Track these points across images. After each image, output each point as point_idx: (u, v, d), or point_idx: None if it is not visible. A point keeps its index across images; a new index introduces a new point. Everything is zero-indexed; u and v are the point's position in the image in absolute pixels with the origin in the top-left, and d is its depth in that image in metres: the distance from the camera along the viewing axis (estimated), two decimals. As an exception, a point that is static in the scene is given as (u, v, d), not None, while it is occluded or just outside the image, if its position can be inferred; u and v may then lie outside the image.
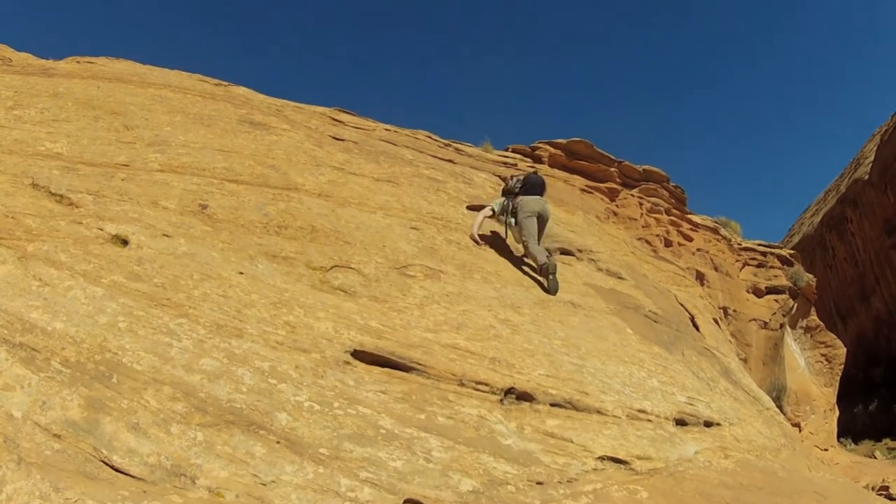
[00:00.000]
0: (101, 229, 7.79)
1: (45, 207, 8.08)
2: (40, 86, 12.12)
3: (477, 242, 11.91)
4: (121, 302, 6.56)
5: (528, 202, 12.31)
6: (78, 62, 14.66)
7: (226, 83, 15.43)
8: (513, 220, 12.37)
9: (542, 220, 12.37)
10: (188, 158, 10.34)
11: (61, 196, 8.40)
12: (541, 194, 12.70)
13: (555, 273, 11.34)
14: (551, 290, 11.18)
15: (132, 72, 14.26)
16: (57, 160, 9.37)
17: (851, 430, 45.44)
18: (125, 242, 7.69)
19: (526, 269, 11.71)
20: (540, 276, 11.59)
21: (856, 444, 43.88)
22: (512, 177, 13.33)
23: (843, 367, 33.68)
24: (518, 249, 12.49)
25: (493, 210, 12.65)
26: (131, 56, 15.89)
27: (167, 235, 8.11)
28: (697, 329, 15.00)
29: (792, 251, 34.38)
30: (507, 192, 12.87)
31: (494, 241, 12.51)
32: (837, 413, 33.09)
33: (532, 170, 13.80)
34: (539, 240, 12.20)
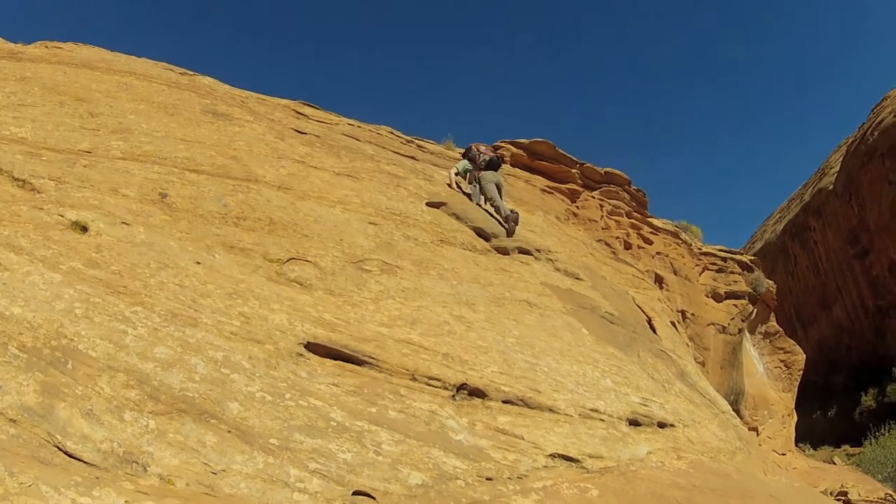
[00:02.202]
0: (62, 216, 7.82)
1: (8, 192, 8.10)
2: (8, 70, 12.13)
3: (451, 186, 15.81)
4: (78, 288, 6.60)
5: (488, 175, 15.63)
6: (46, 47, 14.65)
7: (191, 72, 15.47)
8: (477, 186, 15.61)
9: (499, 186, 15.57)
10: (150, 147, 10.37)
11: (24, 181, 8.42)
12: (496, 170, 15.95)
13: (516, 222, 14.41)
14: (510, 234, 14.10)
15: (99, 58, 14.27)
16: (21, 145, 9.39)
17: (810, 436, 46.10)
18: (84, 229, 7.72)
19: (482, 265, 11.82)
20: (505, 223, 14.31)
21: (814, 449, 44.53)
22: (479, 152, 16.14)
23: (802, 373, 34.15)
24: (476, 197, 15.43)
25: (457, 170, 16.19)
26: (104, 43, 15.94)
27: (126, 223, 8.14)
28: (654, 331, 15.20)
29: (752, 257, 34.79)
30: (468, 158, 16.29)
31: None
32: (796, 418, 33.50)
33: (493, 154, 16.19)
34: (501, 197, 15.30)
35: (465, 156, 16.57)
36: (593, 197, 25.51)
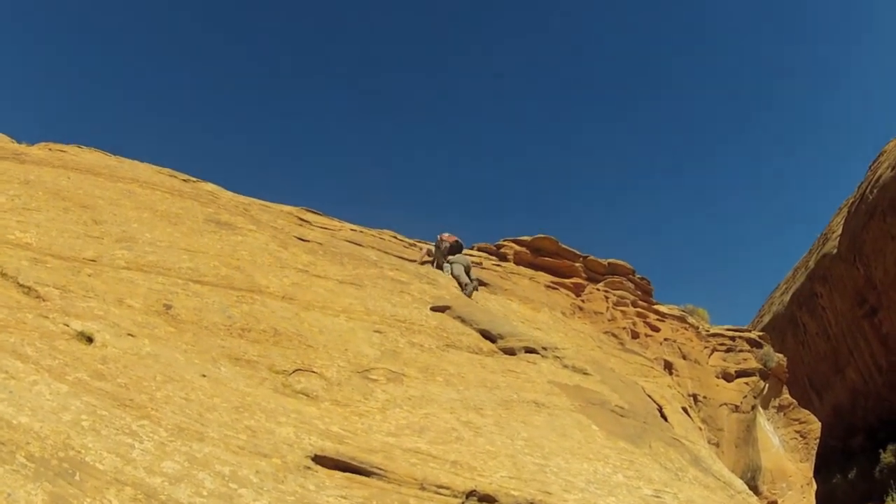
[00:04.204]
0: (67, 325, 7.84)
1: (13, 298, 8.14)
2: (12, 171, 12.24)
3: (421, 263, 18.34)
4: (84, 400, 6.58)
5: (455, 258, 18.10)
6: (50, 149, 14.83)
7: (194, 179, 15.65)
8: (448, 267, 17.86)
9: (466, 267, 17.85)
10: (154, 257, 10.44)
11: (29, 288, 8.46)
12: (459, 252, 18.55)
13: (472, 292, 16.73)
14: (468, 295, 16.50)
15: (102, 164, 14.42)
16: (26, 250, 9.46)
17: (832, 500, 46.19)
18: (90, 340, 7.73)
19: (489, 368, 11.81)
20: (464, 291, 16.54)
21: (838, 513, 44.52)
22: (442, 240, 18.66)
23: (818, 441, 34.14)
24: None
25: (429, 253, 18.85)
26: (108, 141, 16.15)
27: (131, 335, 8.15)
28: (666, 419, 15.17)
29: (761, 333, 34.92)
30: (437, 247, 18.74)
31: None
32: (815, 486, 33.36)
33: (457, 241, 18.82)
34: (468, 275, 17.56)
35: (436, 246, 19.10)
36: (598, 289, 25.75)
